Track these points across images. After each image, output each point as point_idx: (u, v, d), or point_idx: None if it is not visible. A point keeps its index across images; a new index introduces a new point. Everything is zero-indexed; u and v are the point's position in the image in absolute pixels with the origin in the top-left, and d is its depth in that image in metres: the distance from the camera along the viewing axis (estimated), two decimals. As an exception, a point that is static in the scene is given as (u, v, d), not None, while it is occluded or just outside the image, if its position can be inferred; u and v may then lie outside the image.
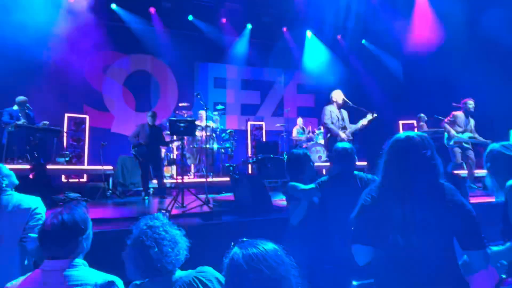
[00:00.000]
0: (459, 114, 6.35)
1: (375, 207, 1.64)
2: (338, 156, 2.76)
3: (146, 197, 6.17)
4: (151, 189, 7.13)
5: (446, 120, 6.42)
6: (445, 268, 1.57)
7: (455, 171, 6.18)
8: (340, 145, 2.86)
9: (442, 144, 6.39)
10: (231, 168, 8.15)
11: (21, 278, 1.57)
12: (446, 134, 6.33)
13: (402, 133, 1.71)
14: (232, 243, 1.21)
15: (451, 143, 6.29)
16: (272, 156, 7.76)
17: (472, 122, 6.41)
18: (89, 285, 1.51)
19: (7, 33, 7.02)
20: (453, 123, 6.30)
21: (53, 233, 1.56)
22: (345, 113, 5.59)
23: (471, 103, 6.33)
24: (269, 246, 1.16)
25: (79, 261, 1.60)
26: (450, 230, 1.57)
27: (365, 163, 7.62)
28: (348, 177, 2.71)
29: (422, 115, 8.52)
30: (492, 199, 4.45)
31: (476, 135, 6.32)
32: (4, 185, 2.14)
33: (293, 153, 3.01)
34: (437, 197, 1.59)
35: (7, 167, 2.26)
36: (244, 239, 1.21)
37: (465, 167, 6.42)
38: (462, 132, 6.27)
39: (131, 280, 1.59)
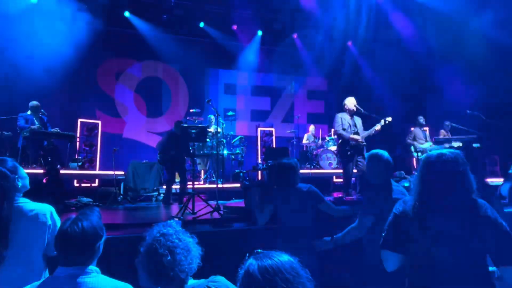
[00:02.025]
0: (416, 130, 7.25)
1: (408, 218, 1.66)
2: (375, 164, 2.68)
3: (166, 204, 6.21)
4: (162, 195, 7.17)
5: (409, 138, 7.30)
6: (476, 283, 1.56)
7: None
8: (375, 151, 2.75)
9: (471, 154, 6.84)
10: (241, 174, 8.14)
11: (35, 284, 1.57)
12: (412, 147, 7.31)
13: (435, 150, 1.73)
14: (247, 254, 1.20)
15: (419, 155, 7.03)
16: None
17: (427, 134, 7.35)
18: (102, 292, 1.50)
19: (21, 40, 7.20)
20: (414, 138, 7.20)
21: (74, 240, 1.55)
22: (358, 120, 5.58)
23: (421, 118, 7.33)
24: (285, 258, 1.15)
25: (92, 268, 1.60)
26: (482, 246, 1.57)
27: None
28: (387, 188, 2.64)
29: (447, 123, 8.27)
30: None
31: (434, 145, 7.14)
32: (20, 186, 2.10)
33: (283, 163, 3.05)
34: (470, 213, 1.59)
35: (23, 170, 2.24)
36: (259, 250, 1.19)
37: None
38: (424, 143, 7.21)
39: (143, 287, 1.58)
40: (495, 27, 7.59)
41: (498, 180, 6.96)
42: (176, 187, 6.60)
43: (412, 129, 7.33)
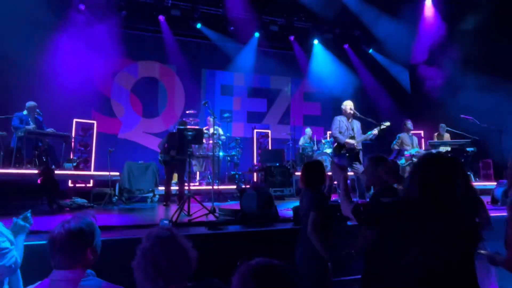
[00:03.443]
0: (403, 135, 7.21)
1: (403, 216, 1.65)
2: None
3: (163, 205, 6.18)
4: (157, 196, 7.15)
5: (396, 144, 7.22)
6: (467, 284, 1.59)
7: None
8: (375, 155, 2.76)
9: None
10: (236, 176, 8.14)
11: (30, 287, 1.57)
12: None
13: (436, 152, 1.77)
14: (240, 260, 1.22)
15: (404, 161, 6.94)
16: (278, 164, 7.75)
17: (415, 139, 7.31)
18: (97, 296, 1.51)
19: (17, 39, 7.14)
20: (401, 144, 7.14)
21: (60, 242, 1.56)
22: (356, 123, 5.60)
23: (409, 123, 7.23)
24: (276, 263, 1.17)
25: (88, 271, 1.60)
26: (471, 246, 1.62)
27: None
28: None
29: (443, 125, 8.29)
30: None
31: (421, 150, 7.21)
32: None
33: (311, 163, 3.08)
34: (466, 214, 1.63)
35: None
36: (251, 256, 1.21)
37: None
38: (409, 149, 7.13)
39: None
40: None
41: (492, 184, 7.03)
42: (174, 188, 6.59)
43: (400, 135, 7.29)
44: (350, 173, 5.81)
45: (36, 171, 5.49)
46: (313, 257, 2.77)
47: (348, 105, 5.57)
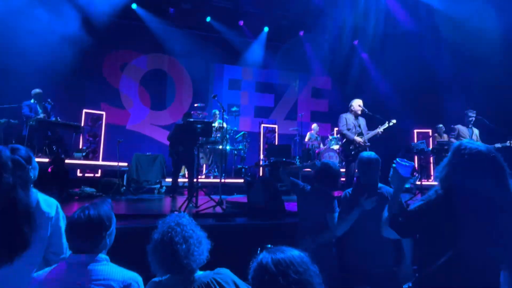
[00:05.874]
0: (461, 127, 6.41)
1: (443, 211, 1.58)
2: (363, 166, 2.76)
3: (170, 196, 6.25)
4: (164, 188, 7.22)
5: (452, 136, 6.49)
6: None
7: None
8: (365, 154, 2.83)
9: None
10: (243, 170, 8.18)
11: (47, 270, 1.62)
12: None
13: (483, 145, 1.64)
14: (259, 248, 1.26)
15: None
16: (284, 160, 7.76)
17: (476, 131, 6.42)
18: (111, 280, 1.55)
19: (28, 30, 7.21)
20: (458, 136, 6.31)
21: (79, 227, 1.61)
22: (362, 121, 5.62)
23: (470, 114, 6.38)
24: (295, 252, 1.22)
25: (103, 256, 1.64)
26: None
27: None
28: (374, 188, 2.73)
29: (440, 125, 8.30)
30: None
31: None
32: (33, 177, 1.99)
33: (329, 167, 3.02)
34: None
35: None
36: (269, 245, 1.25)
37: None
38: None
39: (152, 275, 1.63)
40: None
41: None
42: (183, 180, 6.63)
43: (456, 126, 6.62)
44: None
45: (46, 160, 5.57)
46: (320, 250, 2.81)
47: (357, 103, 5.58)
